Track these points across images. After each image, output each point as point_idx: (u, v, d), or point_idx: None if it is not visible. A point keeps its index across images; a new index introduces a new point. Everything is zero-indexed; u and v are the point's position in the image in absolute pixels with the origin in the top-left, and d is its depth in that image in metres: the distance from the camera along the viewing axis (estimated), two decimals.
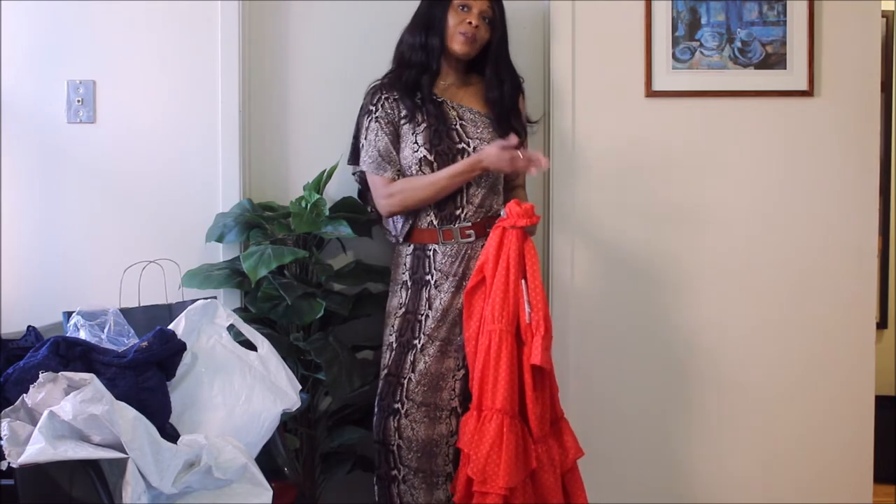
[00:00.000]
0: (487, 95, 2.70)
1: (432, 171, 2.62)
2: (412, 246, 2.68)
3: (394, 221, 2.70)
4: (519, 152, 2.56)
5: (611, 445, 2.93)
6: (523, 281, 2.48)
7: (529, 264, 2.49)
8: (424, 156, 2.62)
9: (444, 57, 2.69)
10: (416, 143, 2.63)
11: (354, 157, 2.76)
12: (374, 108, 2.68)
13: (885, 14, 3.84)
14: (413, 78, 2.66)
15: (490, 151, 2.57)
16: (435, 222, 2.65)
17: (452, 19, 2.63)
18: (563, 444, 2.56)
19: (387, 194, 2.66)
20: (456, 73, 2.72)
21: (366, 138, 2.69)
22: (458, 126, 2.66)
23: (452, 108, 2.68)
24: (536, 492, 2.47)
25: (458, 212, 2.64)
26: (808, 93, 2.90)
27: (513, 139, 2.56)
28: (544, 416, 2.50)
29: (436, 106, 2.66)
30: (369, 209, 2.79)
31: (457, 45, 2.64)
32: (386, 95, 2.68)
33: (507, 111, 2.71)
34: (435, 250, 2.65)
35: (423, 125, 2.64)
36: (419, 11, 2.70)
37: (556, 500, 2.48)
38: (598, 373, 2.94)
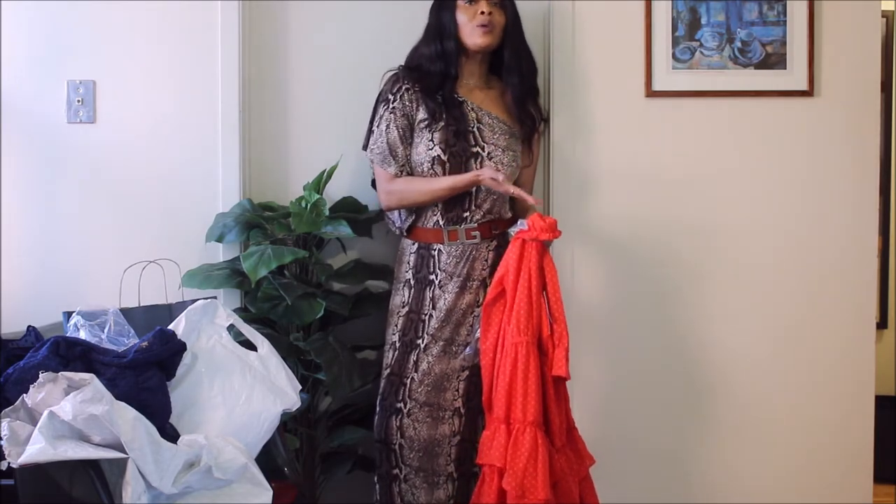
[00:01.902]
0: (507, 80, 2.68)
1: (444, 170, 2.61)
2: (416, 245, 2.68)
3: (399, 213, 2.69)
4: (511, 189, 2.52)
5: (613, 448, 2.92)
6: (544, 293, 2.49)
7: (549, 276, 2.49)
8: (438, 155, 2.61)
9: (465, 57, 2.67)
10: (431, 140, 2.62)
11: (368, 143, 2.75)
12: (391, 98, 2.66)
13: (885, 14, 3.84)
14: (436, 84, 2.64)
15: (486, 175, 2.53)
16: (441, 222, 2.64)
17: (462, 16, 2.61)
18: (578, 453, 2.56)
19: (387, 190, 2.67)
20: (479, 74, 2.70)
21: (377, 126, 2.67)
22: (475, 129, 2.65)
23: (472, 109, 2.67)
24: (558, 501, 2.47)
25: (465, 214, 2.64)
26: (808, 93, 2.90)
27: (514, 189, 2.53)
28: (562, 425, 2.51)
29: (456, 106, 2.65)
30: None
31: (478, 38, 2.61)
32: (407, 86, 2.66)
33: (526, 93, 2.70)
34: (440, 250, 2.65)
35: (441, 123, 2.62)
36: (429, 23, 2.67)
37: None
38: (599, 377, 2.93)
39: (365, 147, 2.72)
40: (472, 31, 2.61)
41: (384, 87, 2.69)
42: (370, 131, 2.70)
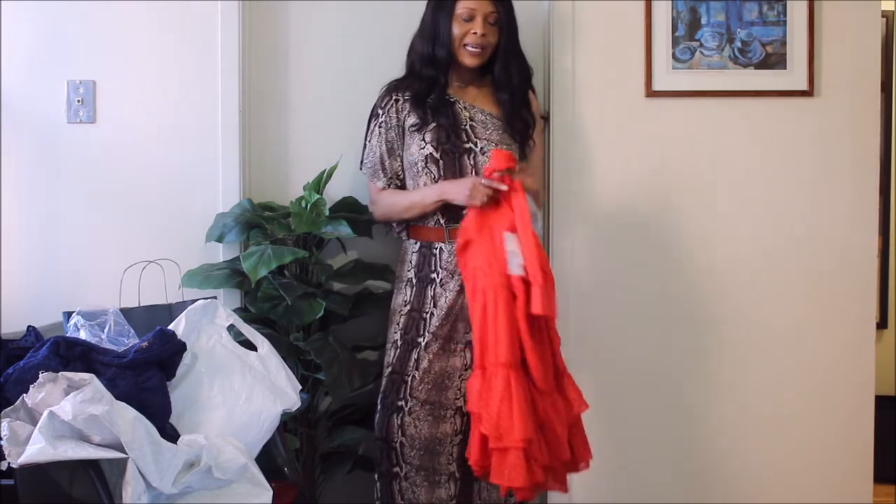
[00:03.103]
0: (497, 96, 2.69)
1: (438, 168, 2.61)
2: (418, 244, 2.68)
3: (392, 222, 2.73)
4: (479, 183, 2.49)
5: (611, 445, 2.92)
6: (509, 233, 2.44)
7: (519, 216, 2.44)
8: (430, 153, 2.62)
9: (455, 64, 2.67)
10: (423, 140, 2.63)
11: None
12: (380, 112, 2.69)
13: (885, 14, 3.84)
14: (424, 88, 2.65)
15: (451, 185, 2.55)
16: (442, 221, 2.65)
17: (457, 29, 2.61)
18: (566, 398, 2.50)
19: (374, 202, 2.74)
20: (470, 75, 2.71)
21: (369, 141, 2.72)
22: (467, 126, 2.65)
23: (464, 108, 2.68)
24: (545, 445, 2.43)
25: (465, 211, 2.64)
26: (808, 93, 2.90)
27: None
28: (546, 368, 2.45)
29: (448, 106, 2.66)
30: None
31: (466, 58, 2.63)
32: (396, 97, 2.68)
33: (518, 108, 2.70)
34: (441, 248, 2.65)
35: (433, 124, 2.64)
36: (425, 19, 2.68)
37: (563, 454, 2.44)
38: (597, 369, 2.93)
39: (362, 165, 2.76)
40: (463, 49, 2.62)
41: (376, 101, 2.72)
42: (364, 146, 2.73)
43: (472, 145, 2.64)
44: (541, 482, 2.40)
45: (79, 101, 2.86)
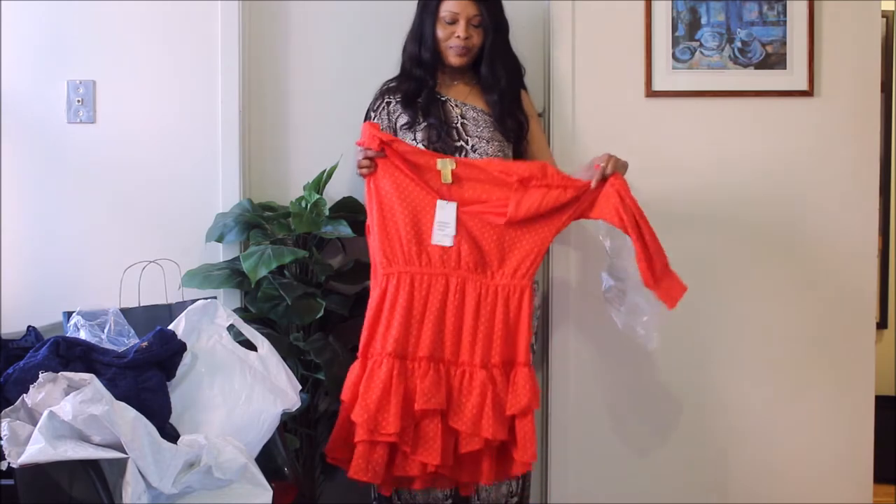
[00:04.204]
0: (485, 97, 2.70)
1: None
2: None
3: None
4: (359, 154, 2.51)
5: (610, 447, 2.93)
6: (441, 201, 2.43)
7: (633, 206, 2.43)
8: None
9: (443, 63, 2.67)
10: (414, 139, 2.63)
11: None
12: (373, 115, 2.70)
13: (885, 14, 3.84)
14: (414, 89, 2.66)
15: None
16: None
17: (441, 32, 2.62)
18: (514, 384, 2.42)
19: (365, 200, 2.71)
20: (461, 73, 2.72)
21: None
22: (458, 125, 2.66)
23: (456, 105, 2.68)
24: (455, 411, 2.40)
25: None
26: (808, 93, 2.90)
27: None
28: (475, 359, 2.41)
29: (438, 105, 2.66)
30: None
31: (451, 58, 2.64)
32: (388, 100, 2.69)
33: (508, 106, 2.69)
34: None
35: (423, 124, 2.64)
36: (414, 21, 2.69)
37: (494, 430, 2.37)
38: (597, 375, 2.93)
39: None
40: (448, 50, 2.63)
41: (369, 104, 2.73)
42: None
43: (463, 143, 2.64)
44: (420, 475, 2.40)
45: (79, 101, 2.86)
